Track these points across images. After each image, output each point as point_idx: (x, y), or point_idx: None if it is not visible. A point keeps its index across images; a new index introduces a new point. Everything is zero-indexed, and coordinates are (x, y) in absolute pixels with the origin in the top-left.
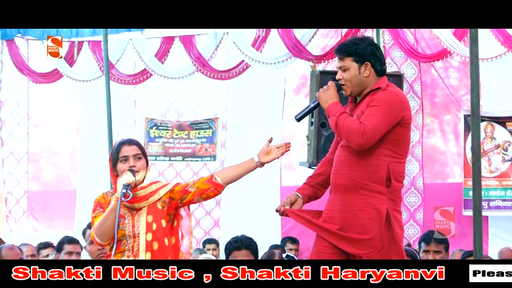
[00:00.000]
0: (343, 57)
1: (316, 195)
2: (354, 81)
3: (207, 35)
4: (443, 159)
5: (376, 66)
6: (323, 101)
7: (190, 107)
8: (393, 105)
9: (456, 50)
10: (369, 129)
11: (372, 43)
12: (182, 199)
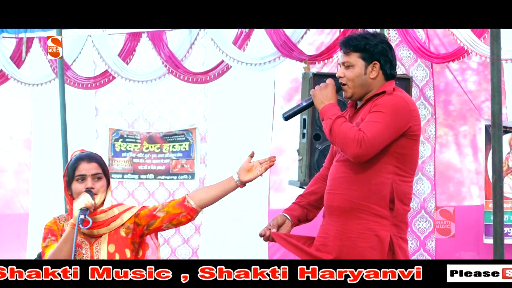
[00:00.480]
0: (349, 52)
1: (307, 217)
2: (358, 82)
3: (180, 31)
4: (459, 177)
5: (386, 68)
6: (318, 101)
7: (162, 116)
8: (399, 112)
9: (475, 49)
10: (368, 138)
11: (384, 41)
12: (148, 225)
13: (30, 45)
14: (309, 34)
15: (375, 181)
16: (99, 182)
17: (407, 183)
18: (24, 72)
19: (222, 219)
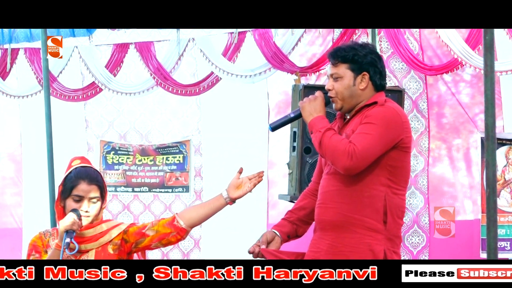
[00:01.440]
0: (337, 63)
1: (296, 233)
2: (347, 93)
3: (169, 42)
4: (452, 192)
5: (375, 79)
6: (306, 113)
7: (154, 127)
8: (391, 124)
9: (469, 61)
10: (360, 150)
11: (373, 51)
12: (137, 243)
13: (15, 56)
14: (300, 46)
15: (368, 193)
16: (95, 205)
17: (400, 196)
18: (10, 83)
19: (222, 234)
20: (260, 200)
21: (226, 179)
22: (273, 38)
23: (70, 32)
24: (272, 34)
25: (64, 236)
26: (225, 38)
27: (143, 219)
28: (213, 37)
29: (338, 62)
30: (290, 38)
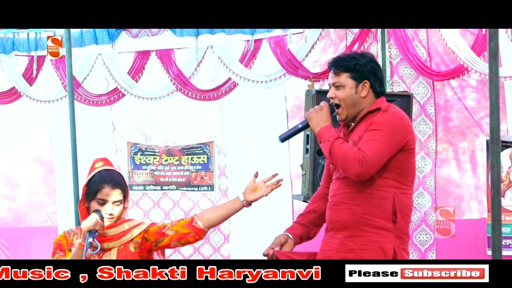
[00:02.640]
0: (339, 72)
1: (308, 235)
2: (349, 101)
3: (188, 49)
4: (459, 192)
5: (375, 86)
6: (314, 123)
7: (178, 129)
8: (396, 129)
9: (474, 67)
10: (369, 157)
11: (372, 60)
12: (157, 242)
13: (41, 63)
14: (313, 53)
15: (377, 195)
16: (118, 208)
17: (407, 195)
18: (37, 89)
19: (250, 228)
20: (286, 196)
21: (250, 177)
22: (288, 45)
23: (93, 40)
24: (287, 42)
25: (87, 236)
26: (242, 46)
27: (173, 215)
28: (230, 45)
29: (340, 71)
30: (304, 46)
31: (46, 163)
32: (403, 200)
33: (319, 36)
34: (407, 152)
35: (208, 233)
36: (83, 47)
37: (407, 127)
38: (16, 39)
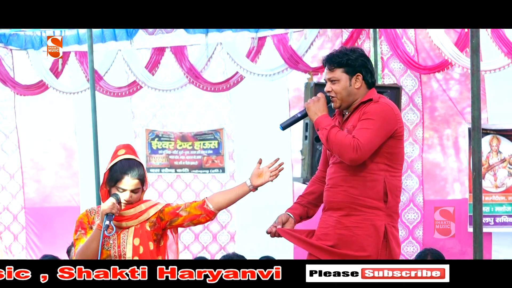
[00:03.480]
0: (333, 68)
1: (307, 215)
2: (345, 93)
3: (199, 46)
4: (443, 175)
5: (367, 78)
6: (312, 113)
7: (191, 117)
8: (386, 118)
9: (458, 62)
10: (363, 144)
11: (363, 54)
12: (171, 221)
13: (66, 58)
14: (312, 49)
15: (370, 178)
16: (136, 194)
17: (397, 177)
18: (63, 82)
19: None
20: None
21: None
22: (289, 42)
23: (113, 37)
24: (288, 39)
25: (104, 218)
26: (248, 42)
27: (185, 196)
28: (237, 42)
29: (334, 67)
30: (304, 42)
31: (70, 148)
32: (393, 182)
33: (317, 34)
34: (397, 139)
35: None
36: (104, 43)
37: (397, 116)
38: (44, 37)
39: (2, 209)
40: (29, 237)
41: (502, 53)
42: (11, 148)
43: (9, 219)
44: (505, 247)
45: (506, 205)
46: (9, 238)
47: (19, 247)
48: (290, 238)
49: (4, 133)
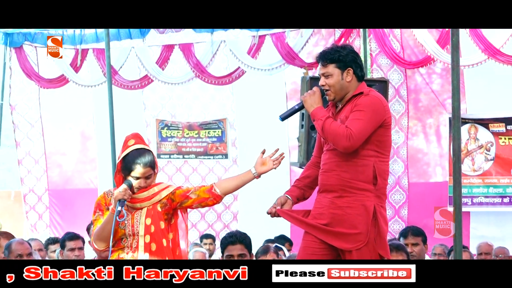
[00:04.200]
0: (327, 64)
1: (304, 196)
2: (338, 86)
3: (205, 43)
4: (426, 160)
5: (357, 72)
6: (308, 105)
7: (197, 109)
8: (376, 110)
9: (439, 57)
10: (355, 133)
11: (352, 51)
12: (181, 203)
13: (85, 55)
14: (307, 46)
15: (361, 163)
16: (149, 179)
17: (385, 162)
18: (82, 76)
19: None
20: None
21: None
22: (286, 40)
23: (127, 35)
24: (285, 37)
25: (116, 205)
26: (249, 40)
27: (192, 179)
28: (240, 40)
29: (327, 63)
30: (300, 40)
31: (89, 136)
32: (381, 166)
33: (312, 33)
34: (385, 128)
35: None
36: (120, 41)
37: (385, 108)
38: (65, 35)
39: (28, 191)
40: (52, 216)
41: (479, 50)
42: (36, 136)
43: (34, 200)
44: (482, 224)
45: (482, 187)
46: (34, 217)
47: (43, 225)
48: (288, 218)
49: (30, 122)
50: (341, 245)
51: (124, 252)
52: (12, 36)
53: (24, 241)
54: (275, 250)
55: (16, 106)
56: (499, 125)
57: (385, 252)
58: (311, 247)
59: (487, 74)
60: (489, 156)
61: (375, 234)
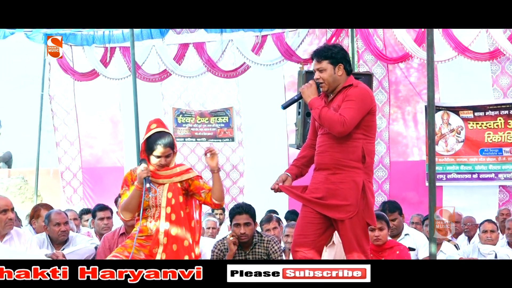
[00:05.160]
0: (321, 60)
1: (301, 174)
2: (330, 80)
3: (215, 42)
4: (405, 142)
5: (347, 67)
6: (306, 96)
7: (208, 98)
8: (365, 99)
9: (416, 54)
10: (348, 120)
11: (342, 49)
12: (193, 192)
13: (113, 52)
14: (303, 44)
15: (351, 145)
16: (168, 158)
17: (371, 144)
18: (110, 70)
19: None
20: (283, 145)
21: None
22: (285, 39)
23: (149, 35)
24: (284, 37)
25: (144, 182)
26: (253, 40)
27: (204, 159)
28: (245, 39)
29: (321, 59)
30: (297, 39)
31: (116, 122)
32: (368, 147)
33: (307, 33)
34: (371, 114)
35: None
36: (142, 41)
37: (372, 98)
38: (95, 35)
39: (65, 169)
40: (85, 190)
41: (450, 47)
42: (71, 122)
43: (69, 176)
44: (453, 197)
45: (454, 165)
46: (70, 191)
47: (78, 198)
48: (289, 193)
49: (66, 110)
50: (334, 215)
51: (148, 221)
52: None
53: (61, 212)
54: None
55: (54, 96)
56: (467, 112)
57: (372, 221)
58: (308, 217)
59: (457, 69)
60: (460, 139)
61: (364, 206)
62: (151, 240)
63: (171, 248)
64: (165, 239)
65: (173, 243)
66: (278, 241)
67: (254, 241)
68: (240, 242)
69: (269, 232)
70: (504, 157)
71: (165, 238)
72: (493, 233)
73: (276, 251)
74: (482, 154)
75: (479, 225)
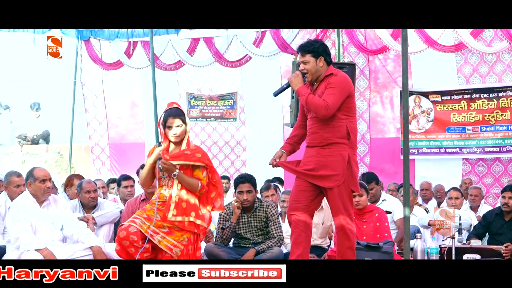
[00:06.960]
0: (304, 54)
1: (294, 150)
2: (313, 70)
3: (222, 37)
4: (383, 121)
5: (327, 58)
6: (293, 85)
7: (216, 84)
8: (344, 85)
9: (393, 47)
10: (330, 104)
11: (323, 43)
12: (207, 185)
13: (135, 46)
14: (297, 39)
15: (337, 124)
16: (179, 128)
17: (354, 122)
18: (133, 60)
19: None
20: (279, 125)
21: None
22: (281, 34)
23: (165, 31)
24: (280, 32)
25: (158, 162)
26: (254, 35)
27: (213, 136)
28: (247, 34)
29: (305, 53)
30: (291, 34)
31: (138, 105)
32: (351, 125)
33: (300, 29)
34: (351, 97)
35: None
36: (160, 36)
37: (350, 83)
38: (120, 31)
39: (94, 144)
40: (112, 163)
41: (421, 41)
42: (100, 104)
43: (98, 151)
44: (424, 169)
45: (425, 141)
46: (98, 163)
47: (105, 169)
48: (285, 167)
49: (95, 94)
50: (324, 184)
51: (163, 188)
52: (82, 32)
53: (91, 181)
54: (274, 187)
55: (85, 83)
56: (436, 96)
57: (356, 188)
58: (301, 185)
59: (427, 59)
60: (429, 119)
61: (349, 175)
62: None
63: (181, 205)
64: (176, 197)
65: (183, 202)
66: (276, 205)
67: (255, 206)
68: (243, 206)
69: (267, 198)
70: (467, 134)
71: (177, 197)
72: (458, 200)
73: (273, 214)
74: (448, 132)
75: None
